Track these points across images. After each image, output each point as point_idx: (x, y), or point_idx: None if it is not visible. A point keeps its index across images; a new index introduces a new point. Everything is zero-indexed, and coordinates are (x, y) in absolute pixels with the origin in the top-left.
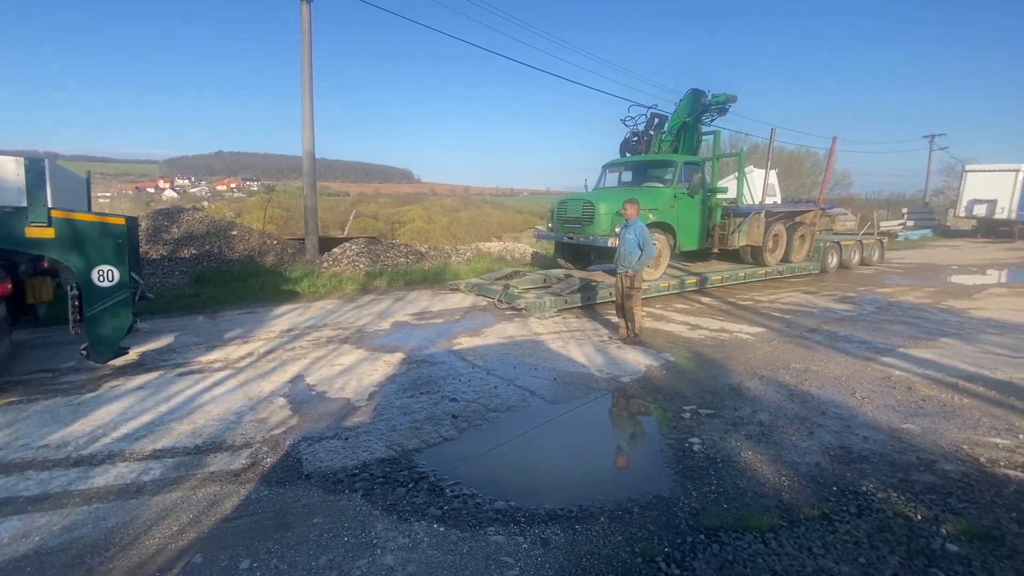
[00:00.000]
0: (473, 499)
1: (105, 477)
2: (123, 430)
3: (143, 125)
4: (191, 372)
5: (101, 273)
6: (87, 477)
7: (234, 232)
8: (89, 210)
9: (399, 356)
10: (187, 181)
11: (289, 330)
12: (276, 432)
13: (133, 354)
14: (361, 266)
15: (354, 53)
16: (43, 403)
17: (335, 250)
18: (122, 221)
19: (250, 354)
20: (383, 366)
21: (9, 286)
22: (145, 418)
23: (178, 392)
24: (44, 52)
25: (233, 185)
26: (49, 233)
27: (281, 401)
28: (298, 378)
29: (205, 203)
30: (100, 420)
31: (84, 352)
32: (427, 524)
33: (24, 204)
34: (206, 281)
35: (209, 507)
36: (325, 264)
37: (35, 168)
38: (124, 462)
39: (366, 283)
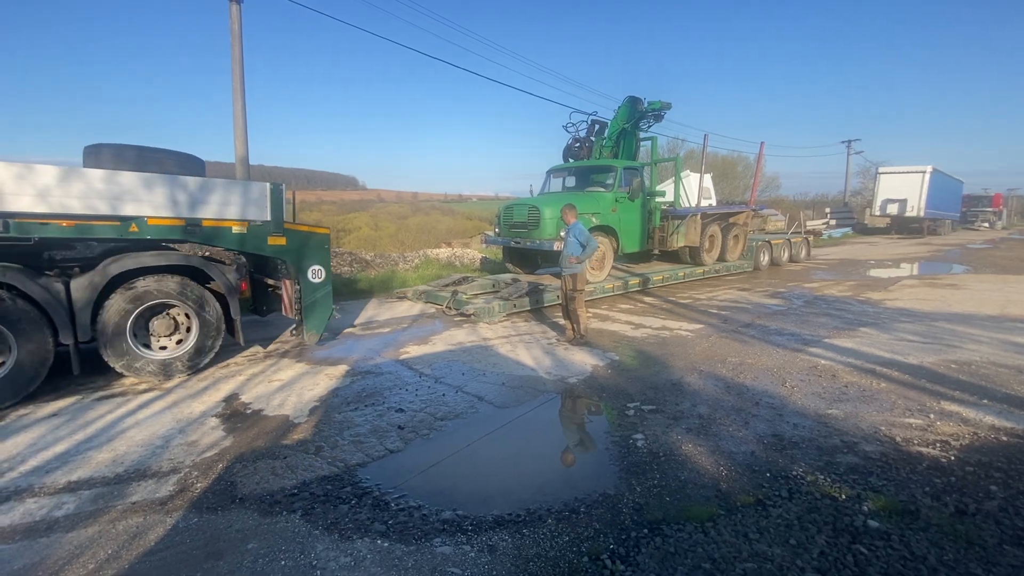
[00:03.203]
0: (419, 511)
1: (11, 516)
2: (33, 462)
3: (47, 126)
4: (112, 396)
5: (314, 272)
6: None
7: None
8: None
9: (343, 368)
10: None
11: (223, 346)
12: (208, 455)
13: None
14: None
15: (293, 56)
16: None
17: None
18: (328, 231)
19: None
20: (325, 380)
21: (247, 286)
22: (59, 448)
23: (97, 418)
24: None
25: None
26: (282, 241)
27: (213, 422)
28: (232, 396)
29: None
30: (6, 452)
31: (295, 333)
32: (370, 541)
33: (268, 218)
34: None
35: (130, 540)
36: None
37: (277, 191)
38: (33, 497)
39: None
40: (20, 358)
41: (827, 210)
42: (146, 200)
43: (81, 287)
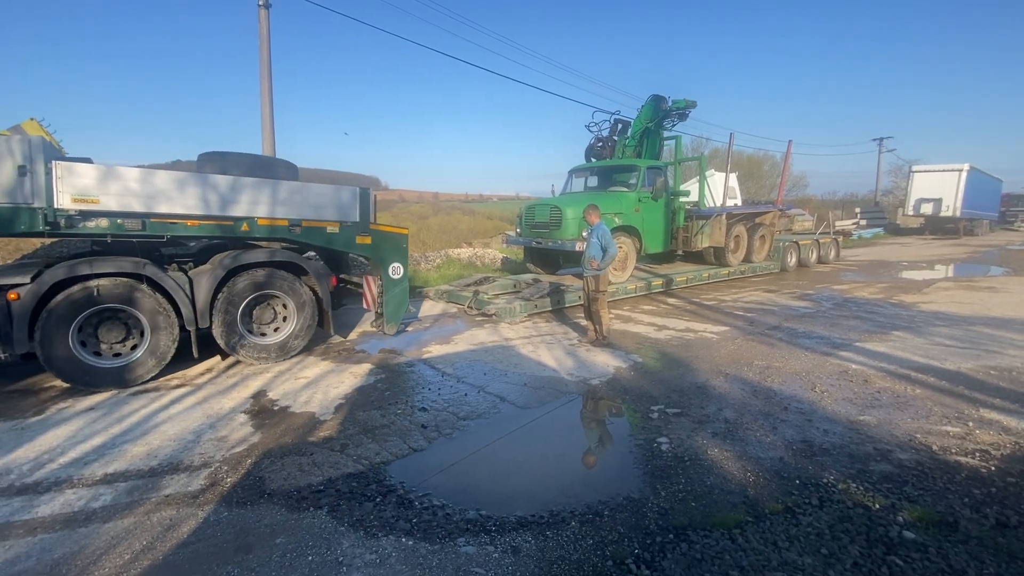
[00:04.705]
0: (443, 510)
1: (51, 505)
2: (72, 454)
3: (80, 132)
4: (146, 391)
5: (394, 268)
6: (31, 506)
7: None
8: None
9: (367, 367)
10: None
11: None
12: (237, 450)
13: None
14: None
15: (319, 58)
16: None
17: None
18: (407, 231)
19: (209, 370)
20: (350, 378)
21: (336, 280)
22: (96, 441)
23: (132, 412)
24: None
25: None
26: (368, 240)
27: (242, 418)
28: (260, 393)
29: None
30: (46, 445)
31: (377, 326)
32: (395, 538)
33: (357, 220)
34: None
35: (164, 532)
36: None
37: (365, 195)
38: (72, 488)
39: None
40: (153, 342)
41: (857, 210)
42: (261, 202)
43: (202, 280)
